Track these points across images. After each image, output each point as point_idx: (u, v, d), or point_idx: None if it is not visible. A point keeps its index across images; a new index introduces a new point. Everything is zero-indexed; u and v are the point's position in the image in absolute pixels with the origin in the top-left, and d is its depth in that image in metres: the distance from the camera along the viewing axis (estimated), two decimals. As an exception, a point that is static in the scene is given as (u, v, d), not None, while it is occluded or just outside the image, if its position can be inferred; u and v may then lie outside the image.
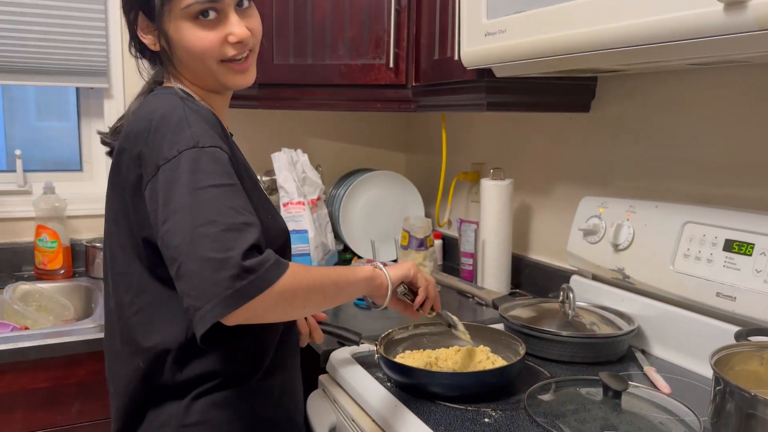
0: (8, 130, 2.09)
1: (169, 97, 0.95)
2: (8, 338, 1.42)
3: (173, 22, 0.95)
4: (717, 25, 0.84)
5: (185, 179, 0.83)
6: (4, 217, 1.94)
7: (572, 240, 1.52)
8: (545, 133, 1.76)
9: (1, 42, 1.84)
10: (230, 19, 0.96)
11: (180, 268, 0.79)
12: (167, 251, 0.82)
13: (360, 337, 1.27)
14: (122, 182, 0.94)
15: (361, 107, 1.82)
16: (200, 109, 0.93)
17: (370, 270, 1.01)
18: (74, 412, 1.46)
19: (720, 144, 1.30)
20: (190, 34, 0.95)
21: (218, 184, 0.83)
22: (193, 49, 0.96)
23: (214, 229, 0.79)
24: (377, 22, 1.72)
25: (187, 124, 0.88)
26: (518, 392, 1.12)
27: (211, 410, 0.94)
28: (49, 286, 1.84)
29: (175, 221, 0.81)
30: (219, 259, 0.77)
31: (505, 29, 1.21)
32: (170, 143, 0.86)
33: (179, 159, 0.84)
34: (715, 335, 1.17)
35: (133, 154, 0.91)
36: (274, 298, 0.80)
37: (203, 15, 0.94)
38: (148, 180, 0.87)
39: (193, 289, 0.78)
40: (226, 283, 0.77)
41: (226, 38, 0.96)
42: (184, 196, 0.82)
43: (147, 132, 0.89)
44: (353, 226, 2.14)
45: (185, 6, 0.93)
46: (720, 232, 1.21)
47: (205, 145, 0.86)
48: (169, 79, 1.03)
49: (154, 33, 0.98)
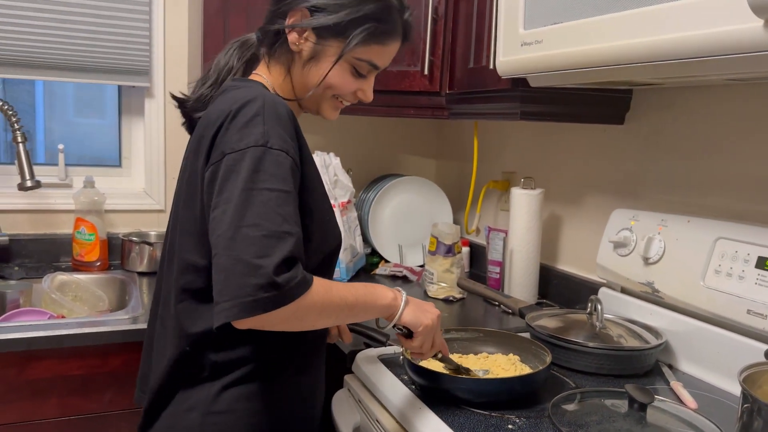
0: (48, 125, 2.16)
1: (253, 87, 0.99)
2: (45, 326, 1.47)
3: (335, 53, 1.03)
4: (756, 42, 0.84)
5: (244, 175, 0.86)
6: (45, 209, 2.00)
7: (602, 252, 1.52)
8: (578, 144, 1.76)
9: (48, 39, 1.90)
10: (370, 79, 1.10)
11: (215, 257, 0.84)
12: (212, 237, 0.86)
13: (387, 338, 1.28)
14: (197, 167, 0.96)
15: (395, 113, 1.84)
16: (278, 105, 0.94)
17: (390, 300, 1.00)
18: (106, 401, 1.50)
19: (755, 160, 1.29)
20: (341, 74, 1.05)
21: (274, 188, 0.86)
22: (333, 84, 1.05)
23: (257, 233, 0.82)
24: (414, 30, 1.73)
25: (262, 120, 0.90)
26: (543, 401, 1.12)
27: (238, 401, 0.97)
28: (85, 277, 1.89)
29: (223, 211, 0.85)
30: (252, 264, 0.80)
31: (541, 40, 1.22)
32: (241, 135, 0.89)
33: (245, 153, 0.87)
34: (745, 352, 1.16)
35: (208, 137, 0.94)
36: (288, 314, 0.84)
37: (361, 72, 1.06)
38: (212, 163, 0.91)
39: (219, 282, 0.82)
40: (249, 289, 0.80)
41: (357, 92, 1.10)
42: (238, 191, 0.85)
43: (224, 118, 0.92)
44: (382, 230, 2.16)
45: (361, 58, 1.04)
46: (752, 249, 1.20)
47: (273, 146, 0.89)
48: (265, 68, 1.08)
49: (308, 41, 1.03)
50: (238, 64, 1.10)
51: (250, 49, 1.12)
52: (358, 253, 2.02)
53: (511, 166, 2.06)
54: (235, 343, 0.97)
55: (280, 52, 1.07)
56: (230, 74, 1.10)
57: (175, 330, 0.99)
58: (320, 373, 1.12)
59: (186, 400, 0.98)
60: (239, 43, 1.13)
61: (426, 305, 1.06)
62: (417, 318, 1.02)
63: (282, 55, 1.07)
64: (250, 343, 0.97)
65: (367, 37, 1.02)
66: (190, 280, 0.97)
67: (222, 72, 1.10)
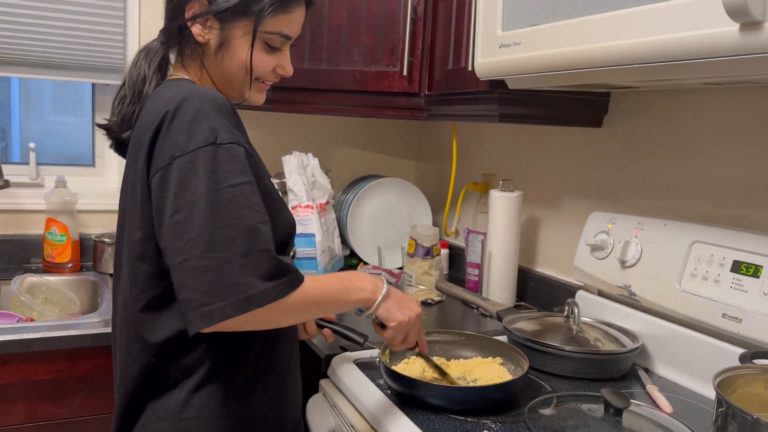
0: (24, 123, 2.11)
1: (182, 85, 0.97)
2: (13, 329, 1.43)
3: (244, 34, 1.00)
4: (732, 46, 0.84)
5: (203, 177, 0.85)
6: (15, 209, 1.96)
7: (579, 255, 1.52)
8: (556, 147, 1.76)
9: (21, 36, 1.86)
10: (285, 53, 1.07)
11: (189, 261, 0.82)
12: (173, 242, 0.84)
13: (366, 339, 1.26)
14: (138, 174, 0.94)
15: (374, 114, 1.83)
16: (216, 97, 0.93)
17: (367, 293, 1.00)
18: (75, 406, 1.47)
19: (731, 164, 1.29)
20: (255, 53, 1.02)
21: (236, 183, 0.86)
22: (248, 64, 1.02)
23: (235, 232, 0.83)
24: (393, 31, 1.72)
25: (205, 116, 0.88)
26: (519, 405, 1.11)
27: (207, 405, 0.95)
28: (56, 279, 1.85)
29: (188, 214, 0.83)
30: (239, 264, 0.81)
31: (519, 42, 1.21)
32: (188, 135, 0.87)
33: (197, 154, 0.86)
34: (720, 356, 1.17)
35: (145, 143, 0.91)
36: (282, 309, 0.85)
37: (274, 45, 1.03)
38: (159, 168, 0.88)
39: (202, 285, 0.81)
40: (242, 287, 0.81)
41: (276, 68, 1.06)
42: (202, 193, 0.84)
43: (162, 121, 0.89)
44: (360, 232, 2.15)
45: (270, 32, 1.01)
46: (728, 252, 1.20)
47: (223, 141, 0.88)
48: (180, 68, 1.06)
49: (212, 29, 1.00)
50: (150, 73, 1.06)
51: (157, 55, 1.07)
52: (337, 255, 2.00)
53: (490, 168, 2.05)
54: (196, 345, 0.95)
55: (189, 48, 1.04)
56: (146, 84, 1.05)
57: (135, 342, 0.97)
58: (290, 370, 1.09)
59: (155, 410, 0.96)
60: (144, 53, 1.07)
61: (407, 301, 1.06)
62: (391, 313, 1.02)
63: (191, 50, 1.04)
64: (209, 343, 0.95)
65: (272, 8, 0.99)
66: (143, 289, 0.95)
67: (137, 85, 1.05)
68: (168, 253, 0.85)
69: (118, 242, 1.03)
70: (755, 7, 0.78)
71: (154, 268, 0.93)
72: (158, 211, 0.87)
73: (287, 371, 1.08)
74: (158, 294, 0.94)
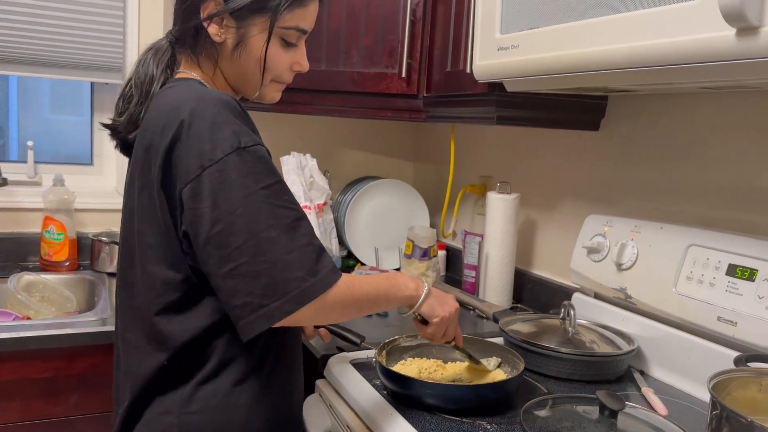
0: (22, 122, 2.11)
1: (189, 86, 0.97)
2: (10, 327, 1.43)
3: (261, 31, 1.00)
4: (729, 50, 0.84)
5: (237, 183, 0.86)
6: (13, 207, 1.95)
7: (576, 257, 1.52)
8: (554, 150, 1.77)
9: (20, 34, 1.86)
10: (301, 49, 1.07)
11: (239, 267, 0.85)
12: (219, 251, 0.86)
13: (362, 340, 1.27)
14: (151, 182, 0.93)
15: (372, 115, 1.83)
16: (227, 100, 0.92)
17: (412, 290, 1.04)
18: (72, 404, 1.47)
19: (728, 168, 1.30)
20: (273, 49, 1.02)
21: (268, 184, 0.89)
22: (267, 62, 1.02)
23: (276, 233, 0.86)
24: (392, 32, 1.73)
25: (224, 121, 0.89)
26: (515, 407, 1.12)
27: (213, 398, 0.95)
28: (53, 277, 1.85)
29: (231, 222, 0.85)
30: (287, 261, 0.85)
31: (517, 44, 1.21)
32: (212, 143, 0.87)
33: (225, 162, 0.87)
34: (715, 359, 1.17)
35: (161, 149, 0.90)
36: (333, 300, 0.89)
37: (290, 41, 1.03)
38: (189, 180, 0.87)
39: (259, 288, 0.84)
40: (295, 282, 0.85)
41: (292, 65, 1.07)
42: (238, 200, 0.86)
43: (178, 128, 0.89)
44: (358, 233, 2.15)
45: (287, 26, 1.01)
46: (723, 256, 1.21)
47: (247, 144, 0.89)
48: (194, 67, 1.04)
49: (229, 28, 0.99)
50: (159, 72, 1.05)
51: (165, 54, 1.06)
52: (334, 256, 2.00)
53: (487, 170, 2.06)
54: (209, 342, 0.95)
55: (204, 47, 1.02)
56: (154, 84, 1.04)
57: (152, 343, 0.96)
58: (295, 365, 1.10)
59: (161, 404, 0.96)
60: (153, 51, 1.06)
61: (446, 297, 1.11)
62: (433, 310, 1.07)
63: (207, 50, 1.02)
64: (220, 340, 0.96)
65: (289, 2, 0.99)
66: (160, 293, 0.95)
67: (145, 85, 1.04)
68: (212, 262, 0.87)
69: (125, 243, 1.02)
70: (752, 12, 0.79)
71: (173, 273, 0.94)
72: (193, 222, 0.87)
73: (292, 366, 1.08)
74: (176, 299, 0.94)
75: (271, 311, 0.85)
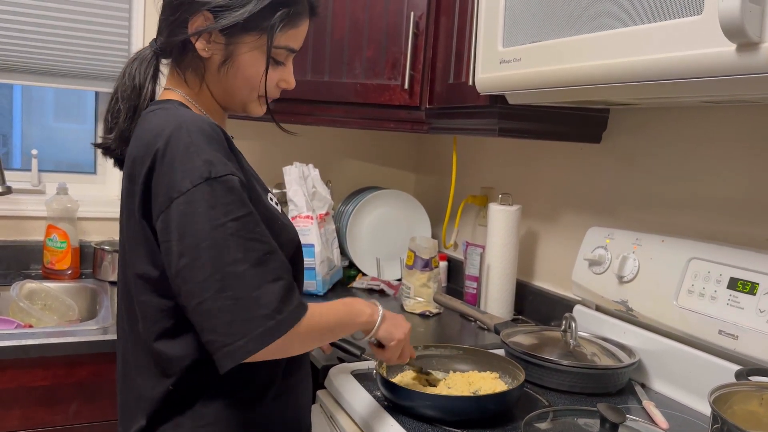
0: (26, 130, 2.12)
1: (169, 111, 0.95)
2: (11, 335, 1.43)
3: (251, 49, 0.98)
4: (729, 66, 0.85)
5: (203, 215, 0.84)
6: (16, 215, 1.96)
7: (577, 269, 1.53)
8: (555, 162, 1.77)
9: (24, 43, 1.88)
10: (288, 66, 1.06)
11: (203, 303, 0.83)
12: (185, 285, 0.85)
13: (362, 351, 1.26)
14: (134, 213, 0.93)
15: (374, 126, 1.84)
16: (204, 126, 0.91)
17: (367, 317, 1.05)
18: (72, 413, 1.47)
19: (728, 181, 1.30)
20: (261, 68, 1.00)
21: (237, 217, 0.86)
22: (254, 81, 1.01)
23: (243, 267, 0.84)
24: (395, 44, 1.74)
25: (196, 150, 0.87)
26: (515, 419, 1.11)
27: (224, 411, 0.96)
28: (55, 285, 1.85)
29: (195, 256, 0.84)
30: (252, 297, 0.83)
31: (520, 58, 1.22)
32: (182, 174, 0.86)
33: (194, 193, 0.85)
34: (716, 373, 1.17)
35: (140, 180, 0.90)
36: (297, 336, 0.88)
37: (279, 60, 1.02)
38: (161, 211, 0.87)
39: (220, 326, 0.83)
40: (258, 321, 0.83)
41: (279, 83, 1.06)
42: (205, 233, 0.84)
43: (153, 157, 0.88)
44: (360, 243, 2.15)
45: (278, 46, 1.00)
46: (725, 269, 1.21)
47: (218, 175, 0.86)
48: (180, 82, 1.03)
49: (216, 44, 0.97)
50: (146, 84, 1.03)
51: (150, 65, 1.04)
52: (336, 266, 2.01)
53: (489, 181, 2.06)
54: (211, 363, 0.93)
55: (190, 61, 1.00)
56: (141, 96, 1.03)
57: (157, 367, 0.96)
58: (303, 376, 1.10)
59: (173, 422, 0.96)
60: (138, 62, 1.04)
61: (398, 319, 1.11)
62: (391, 334, 1.09)
63: (192, 64, 1.01)
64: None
65: (283, 23, 0.98)
66: (155, 320, 0.94)
67: (132, 99, 1.02)
68: (182, 296, 0.86)
69: (121, 273, 1.02)
70: (752, 28, 0.79)
71: (165, 301, 0.93)
72: (166, 254, 0.87)
73: (300, 377, 1.09)
74: (170, 326, 0.94)
75: (234, 351, 0.83)
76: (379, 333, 1.07)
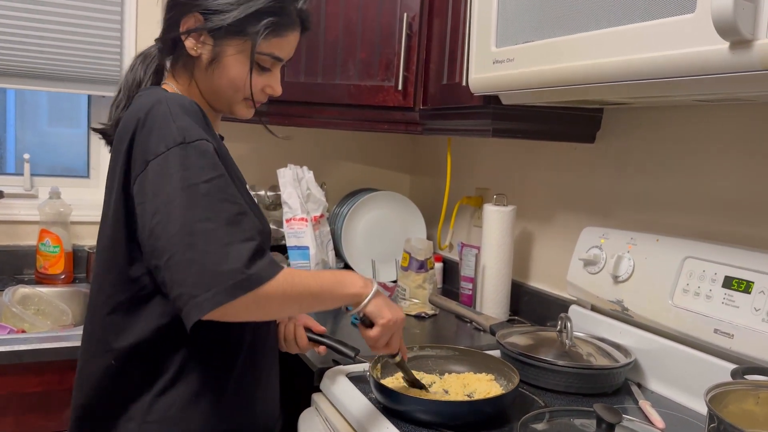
0: (19, 134, 2.11)
1: (154, 92, 1.00)
2: (4, 341, 1.42)
3: (236, 52, 1.02)
4: (722, 64, 0.85)
5: (177, 176, 0.87)
6: (9, 220, 1.95)
7: (572, 269, 1.52)
8: (549, 162, 1.77)
9: (18, 47, 1.87)
10: (275, 73, 1.09)
11: (173, 257, 0.84)
12: (157, 242, 0.86)
13: (357, 353, 1.25)
14: (114, 183, 0.97)
15: (368, 127, 1.84)
16: (183, 100, 0.96)
17: (359, 287, 1.02)
18: (65, 418, 1.44)
19: (723, 180, 1.30)
20: (246, 71, 1.04)
21: (209, 179, 0.89)
22: (238, 82, 1.04)
23: (213, 225, 0.85)
24: (388, 45, 1.74)
25: (171, 118, 0.91)
26: (511, 420, 1.11)
27: (170, 409, 0.97)
28: (48, 290, 1.84)
29: (168, 213, 0.86)
30: (221, 254, 0.83)
31: (513, 58, 1.22)
32: (157, 138, 0.90)
33: (167, 155, 0.89)
34: (712, 372, 1.17)
35: (122, 151, 0.94)
36: (270, 296, 0.87)
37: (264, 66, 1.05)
38: (137, 175, 0.91)
39: (190, 277, 0.83)
40: (228, 275, 0.83)
41: (264, 88, 1.08)
42: (177, 192, 0.86)
43: (134, 129, 0.93)
44: (355, 245, 2.15)
45: (262, 52, 1.03)
46: (720, 268, 1.21)
47: (191, 140, 0.90)
48: (171, 77, 1.09)
49: (205, 44, 1.03)
50: (146, 77, 1.10)
51: (153, 61, 1.11)
52: (331, 268, 2.00)
53: (484, 182, 2.06)
54: (163, 352, 0.97)
55: (181, 59, 1.07)
56: (140, 88, 1.08)
57: (98, 344, 0.99)
58: (263, 377, 1.10)
59: (125, 410, 0.97)
60: (142, 57, 1.12)
61: (394, 305, 1.08)
62: (380, 310, 1.03)
63: (183, 61, 1.07)
64: (178, 350, 0.97)
65: (267, 31, 1.02)
66: (110, 294, 0.97)
67: (132, 89, 1.09)
68: (154, 254, 0.87)
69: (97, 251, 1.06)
70: (745, 25, 0.79)
71: (119, 275, 0.96)
72: (140, 216, 0.90)
73: (260, 378, 1.09)
74: (124, 300, 0.96)
75: (202, 302, 0.82)
76: (368, 307, 1.02)
